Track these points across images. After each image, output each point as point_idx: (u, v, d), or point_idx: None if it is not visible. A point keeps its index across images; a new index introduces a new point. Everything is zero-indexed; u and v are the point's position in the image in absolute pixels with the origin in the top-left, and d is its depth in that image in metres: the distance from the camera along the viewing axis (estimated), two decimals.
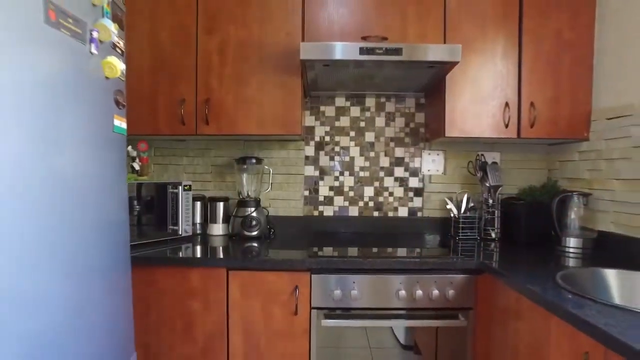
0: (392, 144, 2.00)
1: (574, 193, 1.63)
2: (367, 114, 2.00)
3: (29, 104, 0.71)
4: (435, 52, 1.48)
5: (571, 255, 1.55)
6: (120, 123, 1.02)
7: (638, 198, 1.42)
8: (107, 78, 0.94)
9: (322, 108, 2.00)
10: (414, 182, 2.01)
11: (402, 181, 2.01)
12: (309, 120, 2.00)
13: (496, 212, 1.84)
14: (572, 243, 1.60)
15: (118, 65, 0.93)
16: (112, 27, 0.91)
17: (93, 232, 0.92)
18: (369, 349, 1.53)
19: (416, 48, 1.48)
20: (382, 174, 2.01)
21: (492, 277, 1.37)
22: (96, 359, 0.91)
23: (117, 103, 1.00)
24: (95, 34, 0.87)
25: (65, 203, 0.81)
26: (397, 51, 1.47)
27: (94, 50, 0.88)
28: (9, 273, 0.66)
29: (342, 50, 1.46)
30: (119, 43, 0.97)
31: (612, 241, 1.54)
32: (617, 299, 1.15)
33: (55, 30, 0.76)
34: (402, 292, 1.40)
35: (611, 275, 1.20)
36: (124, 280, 1.09)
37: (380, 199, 2.01)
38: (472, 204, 1.89)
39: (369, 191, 2.01)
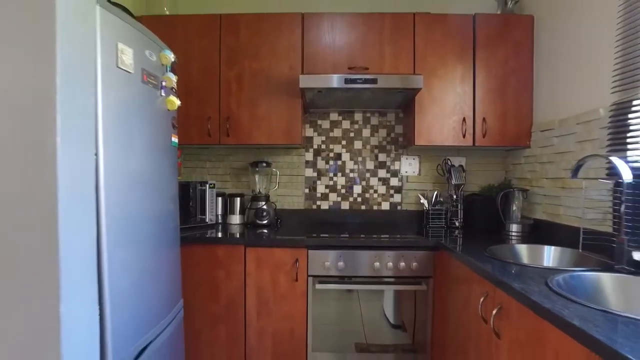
0: (376, 151, 2.46)
1: (515, 189, 2.07)
2: (356, 126, 2.46)
3: (127, 128, 1.18)
4: (402, 81, 1.93)
5: (513, 237, 1.98)
6: (174, 139, 1.49)
7: (557, 193, 1.86)
8: (168, 110, 1.41)
9: (319, 122, 2.46)
10: (394, 182, 2.46)
11: (384, 181, 2.46)
12: (308, 131, 2.46)
13: (459, 205, 2.27)
14: (513, 228, 2.04)
15: (176, 102, 1.40)
16: (173, 78, 1.38)
17: (157, 218, 1.37)
18: (362, 326, 1.97)
19: (388, 78, 1.93)
20: (368, 175, 2.46)
21: (445, 253, 1.80)
22: (164, 297, 1.38)
23: (173, 126, 1.47)
24: (163, 83, 1.34)
25: (141, 195, 1.27)
26: (374, 81, 1.93)
27: (162, 94, 1.35)
28: (113, 244, 1.11)
29: (331, 80, 1.92)
30: (175, 86, 1.44)
31: (543, 226, 1.97)
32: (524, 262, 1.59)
33: (145, 86, 1.23)
34: (377, 264, 1.85)
35: (523, 248, 1.64)
36: (176, 252, 1.55)
37: (367, 195, 2.46)
38: (440, 199, 2.33)
39: (357, 189, 2.46)
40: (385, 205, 2.46)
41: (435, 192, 2.34)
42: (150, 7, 2.36)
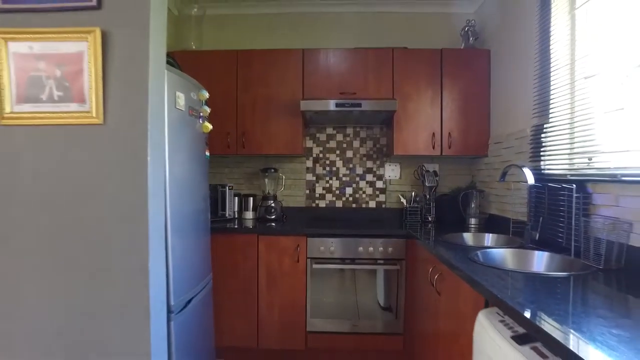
0: (364, 159, 2.97)
1: (473, 190, 2.57)
2: (348, 138, 2.98)
3: (178, 147, 1.70)
4: (381, 105, 2.45)
5: (472, 228, 2.47)
6: (207, 153, 2.02)
7: (504, 193, 2.35)
8: (204, 132, 1.94)
9: (317, 135, 2.98)
10: (379, 184, 2.97)
11: (371, 184, 2.97)
12: (308, 143, 2.98)
13: (432, 204, 2.77)
14: (472, 221, 2.54)
15: (209, 126, 1.93)
16: (208, 110, 1.91)
17: (195, 212, 1.89)
18: (359, 311, 2.46)
19: (370, 102, 2.45)
20: (358, 179, 2.98)
21: (414, 240, 2.30)
22: (200, 268, 1.90)
23: (206, 143, 2.00)
24: (201, 114, 1.88)
25: (186, 195, 1.79)
26: (359, 105, 2.45)
27: (200, 121, 1.88)
28: (173, 228, 1.64)
29: (325, 104, 2.44)
30: (208, 115, 1.97)
31: (495, 220, 2.46)
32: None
33: (190, 117, 1.76)
34: (361, 249, 2.36)
35: (469, 235, 2.14)
36: (207, 238, 2.06)
37: (357, 195, 2.98)
38: (417, 199, 2.83)
39: (349, 190, 2.98)
40: (372, 204, 2.97)
41: (413, 193, 2.84)
42: (179, 42, 2.90)
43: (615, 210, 1.41)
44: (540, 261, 1.56)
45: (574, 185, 1.52)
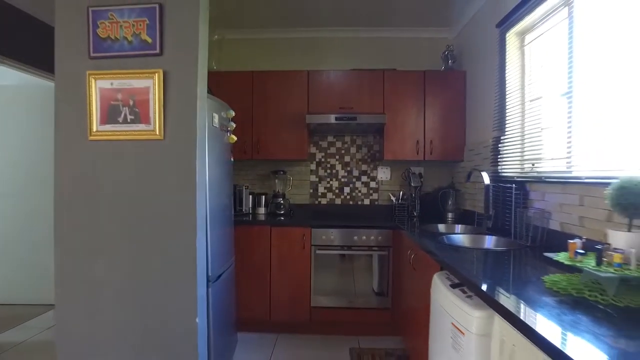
0: (360, 163, 3.47)
1: (449, 189, 3.06)
2: (346, 145, 3.47)
3: (212, 153, 2.19)
4: (373, 118, 2.94)
5: (448, 221, 2.96)
6: (232, 158, 2.52)
7: (475, 192, 2.84)
8: (230, 142, 2.44)
9: (320, 142, 3.48)
10: (373, 185, 3.46)
11: (366, 184, 3.46)
12: (312, 149, 3.48)
13: (417, 201, 3.26)
14: (449, 216, 3.02)
15: (234, 138, 2.43)
16: (234, 125, 2.41)
17: (223, 207, 2.38)
18: (354, 290, 2.94)
19: (364, 116, 2.94)
20: (354, 180, 3.47)
21: (399, 231, 2.78)
22: (226, 251, 2.39)
23: (231, 151, 2.50)
24: (228, 128, 2.37)
25: (217, 193, 2.28)
26: (354, 118, 2.94)
27: (228, 134, 2.38)
28: (210, 217, 2.13)
29: (326, 118, 2.94)
30: (233, 129, 2.47)
31: (468, 214, 2.95)
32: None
33: (221, 131, 2.26)
34: (355, 238, 2.85)
35: (443, 225, 2.63)
36: (232, 228, 2.56)
37: (354, 194, 3.47)
38: (405, 197, 3.32)
39: (347, 190, 3.47)
40: (367, 202, 3.46)
41: (401, 192, 3.33)
42: None
43: (542, 203, 1.90)
44: (488, 242, 2.05)
45: (514, 185, 2.01)
